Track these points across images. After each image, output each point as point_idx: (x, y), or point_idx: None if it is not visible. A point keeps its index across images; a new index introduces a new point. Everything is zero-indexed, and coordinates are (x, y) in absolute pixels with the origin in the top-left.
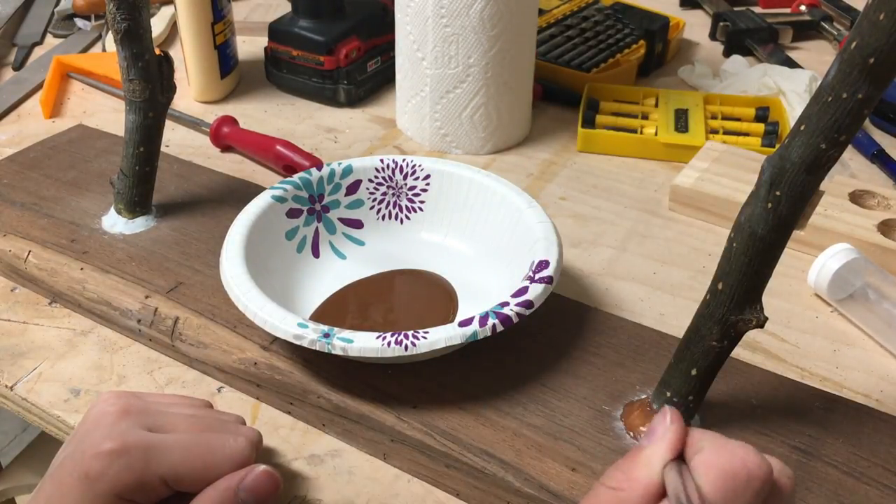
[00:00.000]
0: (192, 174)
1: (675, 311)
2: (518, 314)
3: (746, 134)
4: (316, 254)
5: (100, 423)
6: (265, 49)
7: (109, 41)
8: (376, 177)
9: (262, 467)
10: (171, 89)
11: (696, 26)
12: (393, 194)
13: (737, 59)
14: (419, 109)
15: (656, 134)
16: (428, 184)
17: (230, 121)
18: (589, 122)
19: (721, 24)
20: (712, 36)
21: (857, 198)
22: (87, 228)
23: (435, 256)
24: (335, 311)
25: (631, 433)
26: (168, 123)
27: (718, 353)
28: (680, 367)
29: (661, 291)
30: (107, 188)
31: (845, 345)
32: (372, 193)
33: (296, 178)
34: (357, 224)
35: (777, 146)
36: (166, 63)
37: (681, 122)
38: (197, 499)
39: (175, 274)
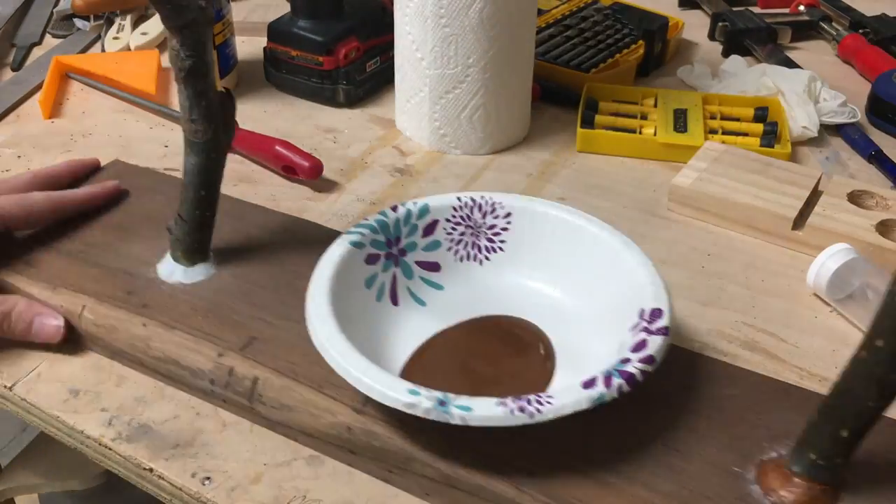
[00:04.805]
0: (245, 213)
1: (674, 311)
2: (642, 371)
3: (745, 134)
4: (395, 301)
5: None
6: (264, 49)
7: (109, 41)
8: (454, 216)
9: (61, 321)
10: (232, 127)
11: (695, 26)
12: (471, 234)
13: (736, 60)
14: (418, 110)
15: (655, 134)
16: (509, 222)
17: None
18: (588, 123)
19: (720, 24)
20: (711, 36)
21: (855, 198)
22: (142, 278)
23: (519, 300)
24: (426, 367)
25: (769, 498)
26: (167, 124)
27: (874, 413)
28: (826, 427)
29: None
30: (156, 231)
31: (844, 345)
32: (449, 234)
33: (372, 220)
34: (434, 267)
35: (776, 146)
36: (229, 100)
37: (679, 122)
38: (9, 298)
39: (246, 328)
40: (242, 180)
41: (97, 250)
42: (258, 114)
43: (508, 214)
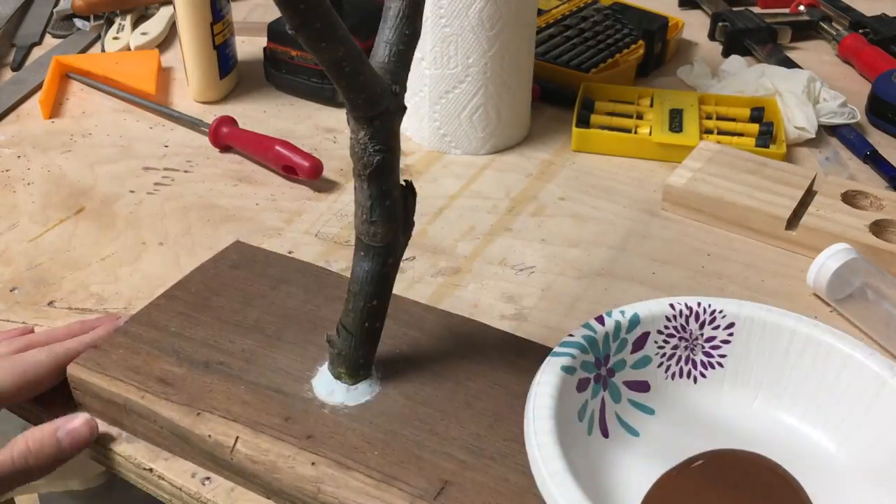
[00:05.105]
0: (404, 312)
1: None
2: None
3: (741, 134)
4: (605, 432)
5: None
6: (264, 49)
7: (109, 41)
8: (666, 327)
9: (84, 416)
10: (411, 227)
11: (694, 26)
12: (686, 347)
13: (735, 59)
14: (418, 109)
15: (650, 134)
16: (731, 334)
17: (229, 121)
18: (584, 122)
19: (720, 24)
20: (711, 36)
21: (849, 198)
22: (298, 398)
23: (745, 429)
24: None
25: None
26: (167, 124)
27: None
28: None
29: (661, 291)
30: (301, 336)
31: None
32: (661, 347)
33: (580, 338)
34: (643, 387)
35: (771, 147)
36: (411, 195)
37: (675, 121)
38: (18, 438)
39: (435, 467)
40: (242, 180)
41: (239, 362)
42: (258, 114)
43: (731, 325)
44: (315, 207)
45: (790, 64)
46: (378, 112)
